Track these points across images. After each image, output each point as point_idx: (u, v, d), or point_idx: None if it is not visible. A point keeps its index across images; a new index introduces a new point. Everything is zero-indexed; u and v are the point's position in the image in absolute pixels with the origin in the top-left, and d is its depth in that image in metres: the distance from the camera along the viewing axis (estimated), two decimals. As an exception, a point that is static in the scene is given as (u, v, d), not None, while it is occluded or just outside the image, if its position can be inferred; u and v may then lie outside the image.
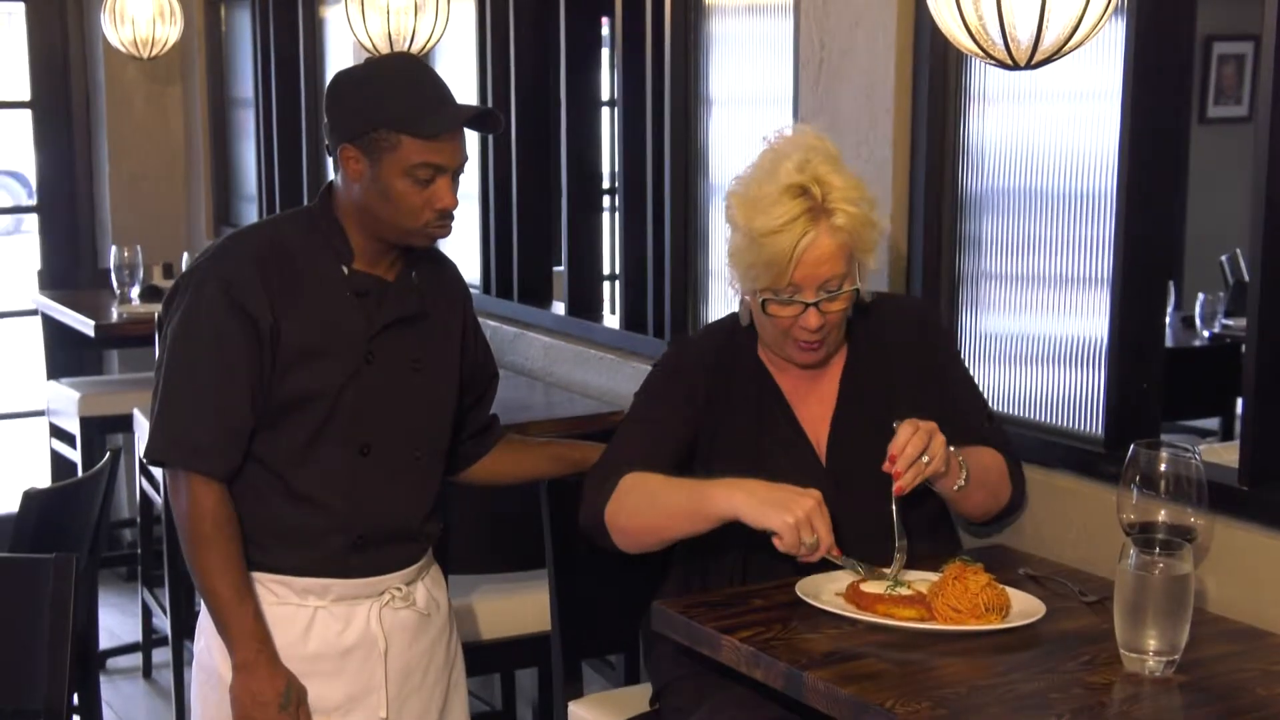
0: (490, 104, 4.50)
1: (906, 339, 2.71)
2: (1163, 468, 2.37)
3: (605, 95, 4.61)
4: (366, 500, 2.61)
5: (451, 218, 2.59)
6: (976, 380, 2.82)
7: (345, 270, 2.60)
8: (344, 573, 2.62)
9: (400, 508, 2.66)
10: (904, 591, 2.39)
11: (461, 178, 2.60)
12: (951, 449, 2.51)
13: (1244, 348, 2.55)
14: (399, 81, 2.54)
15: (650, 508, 2.55)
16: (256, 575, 2.59)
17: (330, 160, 2.64)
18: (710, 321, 3.19)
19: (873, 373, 2.69)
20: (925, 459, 2.45)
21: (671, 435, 2.64)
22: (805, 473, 2.60)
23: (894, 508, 2.48)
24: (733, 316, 2.72)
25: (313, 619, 2.61)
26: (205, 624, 2.62)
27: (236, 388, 2.52)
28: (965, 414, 2.68)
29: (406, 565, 2.69)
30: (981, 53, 2.17)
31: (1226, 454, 2.60)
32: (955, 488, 2.54)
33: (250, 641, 2.52)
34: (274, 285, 2.53)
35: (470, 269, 4.72)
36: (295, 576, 2.60)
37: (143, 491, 4.88)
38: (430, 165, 2.51)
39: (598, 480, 2.61)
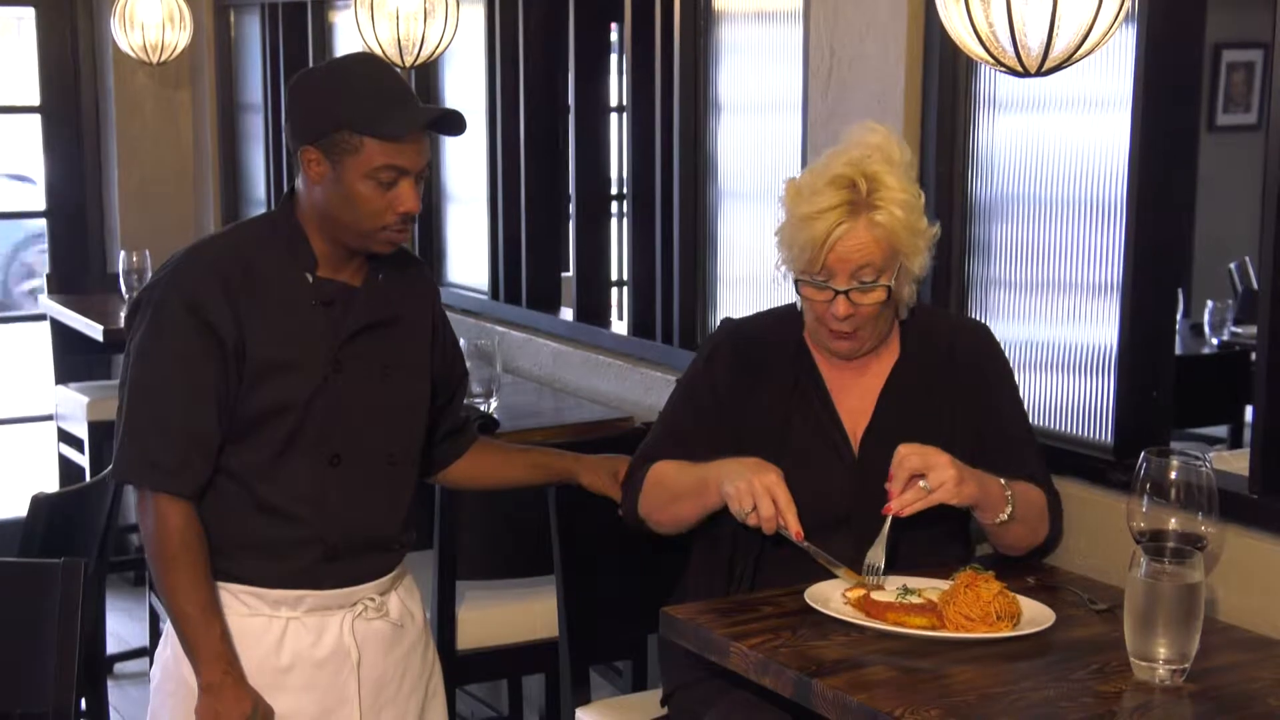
0: (499, 110, 4.50)
1: (964, 359, 2.69)
2: (1173, 475, 2.36)
3: (614, 101, 4.60)
4: (338, 511, 2.55)
5: (412, 221, 2.53)
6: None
7: (310, 278, 2.53)
8: (317, 584, 2.56)
9: (373, 517, 2.60)
10: (914, 600, 2.39)
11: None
12: (1002, 482, 2.52)
13: (1255, 355, 2.54)
14: (361, 82, 2.48)
15: (670, 497, 2.66)
16: (228, 586, 2.53)
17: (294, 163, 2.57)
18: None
19: (920, 380, 2.67)
20: (923, 484, 2.44)
21: (699, 442, 2.66)
22: (834, 459, 2.62)
23: (885, 526, 2.47)
24: (793, 304, 2.72)
25: (285, 630, 2.56)
26: (173, 633, 2.55)
27: (202, 405, 2.46)
28: (1014, 447, 2.66)
29: (380, 575, 2.63)
30: (992, 60, 2.16)
31: (1236, 462, 2.60)
32: (997, 520, 2.54)
33: (217, 662, 2.46)
34: (237, 297, 2.47)
35: (479, 274, 4.72)
36: (267, 588, 2.54)
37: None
38: (393, 168, 2.45)
39: (629, 478, 2.74)
